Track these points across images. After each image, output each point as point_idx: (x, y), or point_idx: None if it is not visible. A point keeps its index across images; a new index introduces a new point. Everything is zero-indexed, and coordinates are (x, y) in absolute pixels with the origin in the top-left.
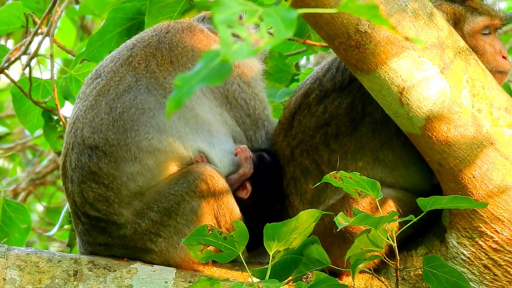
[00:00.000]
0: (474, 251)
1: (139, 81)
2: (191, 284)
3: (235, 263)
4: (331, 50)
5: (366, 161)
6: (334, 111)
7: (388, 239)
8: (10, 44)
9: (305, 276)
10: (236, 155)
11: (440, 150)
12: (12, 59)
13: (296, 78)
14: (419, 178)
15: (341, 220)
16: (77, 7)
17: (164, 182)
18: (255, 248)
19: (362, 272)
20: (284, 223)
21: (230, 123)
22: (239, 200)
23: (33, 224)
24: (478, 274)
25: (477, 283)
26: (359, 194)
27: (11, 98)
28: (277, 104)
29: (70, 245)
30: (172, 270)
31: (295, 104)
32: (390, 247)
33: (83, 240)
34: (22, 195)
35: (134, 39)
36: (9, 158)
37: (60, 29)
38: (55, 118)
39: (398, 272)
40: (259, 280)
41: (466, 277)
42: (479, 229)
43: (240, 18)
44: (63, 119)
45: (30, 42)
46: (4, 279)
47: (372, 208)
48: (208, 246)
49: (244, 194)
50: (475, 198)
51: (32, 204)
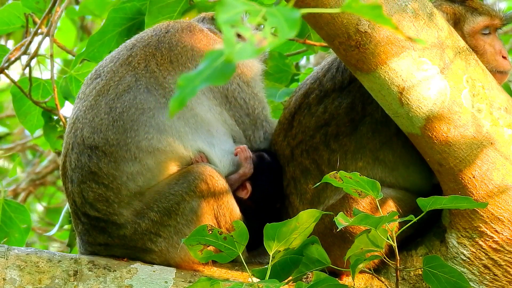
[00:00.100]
0: (474, 251)
1: (139, 81)
2: (191, 284)
3: (235, 263)
4: (331, 50)
5: (366, 161)
6: (334, 111)
7: (388, 239)
8: (10, 44)
9: (305, 276)
10: (236, 155)
11: (440, 150)
12: (12, 59)
13: (296, 78)
14: (419, 178)
15: (341, 220)
16: (77, 7)
17: (164, 182)
18: (255, 248)
19: (362, 272)
20: (284, 223)
21: (229, 123)
22: (239, 200)
23: (33, 224)
24: (478, 274)
25: (477, 283)
26: (359, 194)
27: (11, 98)
28: (277, 104)
29: (70, 245)
30: (172, 270)
31: (295, 104)
32: (390, 247)
33: (83, 240)
34: (22, 195)
35: (133, 39)
36: (9, 158)
37: (60, 29)
38: (55, 118)
39: (398, 272)
40: (259, 280)
41: (466, 277)
42: (479, 229)
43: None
44: (63, 119)
45: (30, 42)
46: (4, 279)
47: (372, 208)
48: (208, 246)
49: (244, 194)
50: (475, 198)
51: (32, 204)
